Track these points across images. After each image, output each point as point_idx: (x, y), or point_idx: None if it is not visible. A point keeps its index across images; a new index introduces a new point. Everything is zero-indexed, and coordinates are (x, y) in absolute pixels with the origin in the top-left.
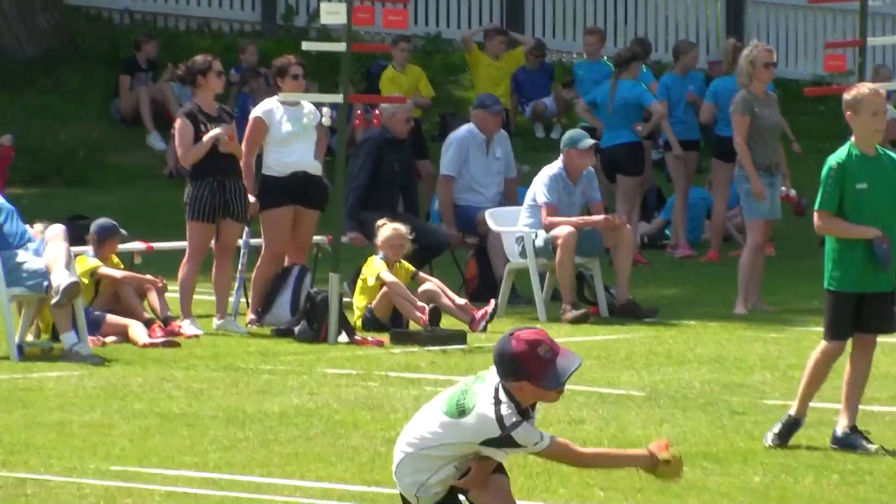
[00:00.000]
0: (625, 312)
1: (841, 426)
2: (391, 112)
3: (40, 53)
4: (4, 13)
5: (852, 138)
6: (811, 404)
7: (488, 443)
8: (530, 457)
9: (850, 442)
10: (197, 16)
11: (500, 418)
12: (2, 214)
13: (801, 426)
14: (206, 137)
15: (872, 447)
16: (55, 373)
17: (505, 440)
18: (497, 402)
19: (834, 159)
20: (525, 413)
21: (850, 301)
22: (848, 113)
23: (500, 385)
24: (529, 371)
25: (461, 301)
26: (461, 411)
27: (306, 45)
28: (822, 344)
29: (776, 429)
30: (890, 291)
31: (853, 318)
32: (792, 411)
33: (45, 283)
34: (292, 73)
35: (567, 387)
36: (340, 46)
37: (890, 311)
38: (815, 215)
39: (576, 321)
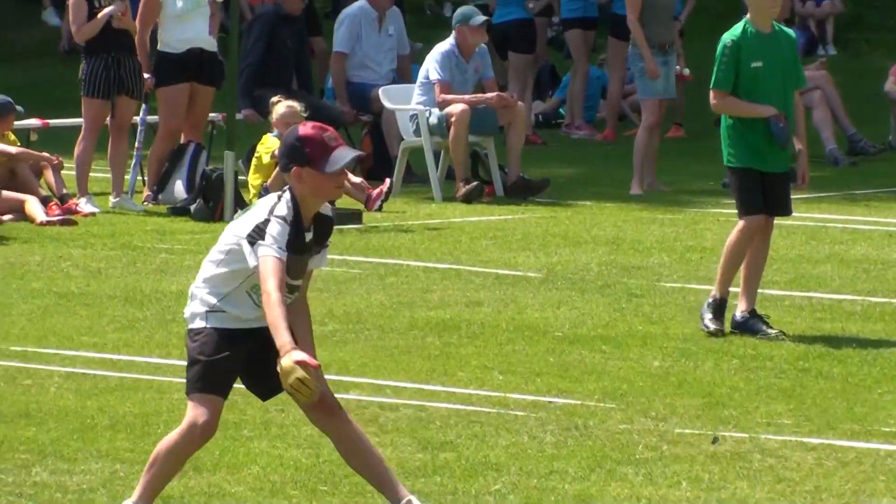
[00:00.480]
0: (516, 190)
1: (740, 310)
2: None
3: None
4: None
5: (748, 15)
6: (706, 286)
7: (250, 235)
8: (428, 338)
9: (750, 326)
10: None
11: (272, 208)
12: None
13: (726, 306)
14: (100, 14)
15: (772, 331)
16: None
17: (261, 228)
18: (278, 200)
19: (728, 37)
20: (299, 225)
21: (754, 175)
22: None
23: (283, 195)
24: (312, 154)
25: (357, 179)
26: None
27: None
28: (739, 223)
29: (707, 315)
30: (785, 172)
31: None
32: (715, 293)
33: None
34: None
35: (464, 267)
36: None
37: (786, 194)
38: (711, 94)
39: (468, 195)
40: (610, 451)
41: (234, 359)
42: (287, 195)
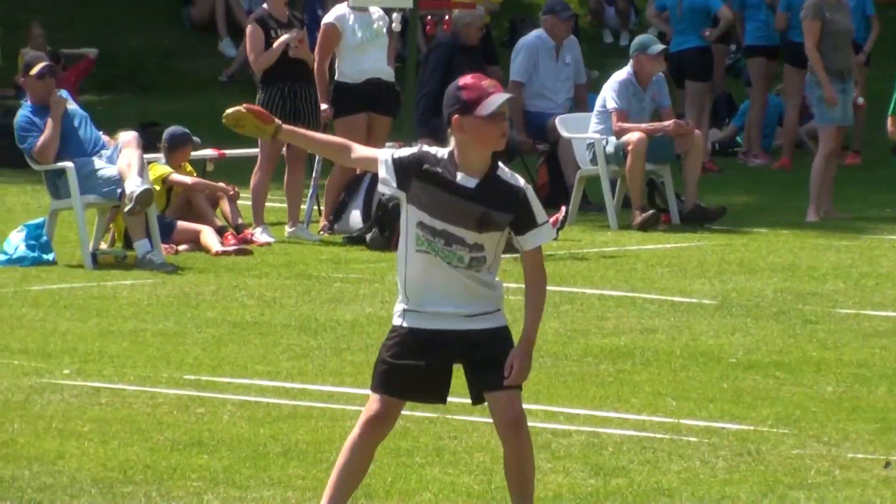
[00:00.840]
0: (693, 217)
1: None
2: (462, 18)
3: None
4: None
5: None
6: (881, 312)
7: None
8: (602, 365)
9: None
10: None
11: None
12: (76, 120)
13: None
14: (276, 43)
15: None
16: (129, 281)
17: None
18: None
19: None
20: (451, 165)
21: None
22: None
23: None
24: (469, 99)
25: None
26: None
27: None
28: None
29: None
30: None
31: None
32: None
33: (119, 191)
34: None
35: (639, 294)
36: None
37: None
38: (889, 121)
39: (645, 223)
40: (782, 475)
41: (422, 367)
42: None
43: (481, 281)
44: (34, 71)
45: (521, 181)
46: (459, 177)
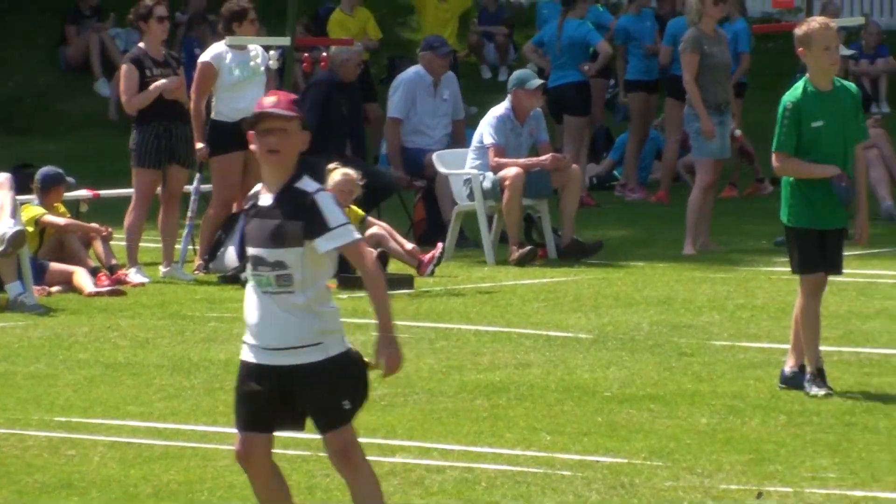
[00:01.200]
0: (570, 252)
1: (788, 365)
2: (339, 55)
3: None
4: None
5: (807, 74)
6: (755, 344)
7: None
8: (477, 401)
9: (798, 382)
10: None
11: None
12: None
13: (824, 371)
14: (152, 87)
15: (820, 390)
16: (0, 323)
17: None
18: None
19: (788, 99)
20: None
21: (814, 236)
22: (800, 49)
23: None
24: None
25: (409, 246)
26: None
27: None
28: (801, 284)
29: (812, 389)
30: (842, 229)
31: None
32: (809, 367)
33: None
34: (250, 17)
35: (515, 329)
36: None
37: (840, 252)
38: (774, 157)
39: (522, 259)
40: None
41: (257, 397)
42: None
43: (295, 308)
44: None
45: (315, 187)
46: (261, 198)
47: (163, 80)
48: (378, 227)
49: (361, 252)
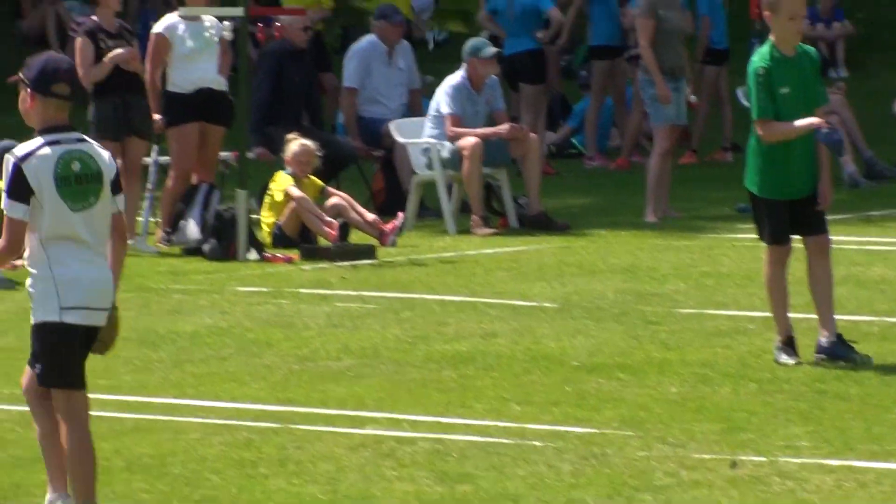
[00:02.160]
0: (537, 224)
1: (825, 336)
2: (290, 23)
3: None
4: None
5: (771, 37)
6: (722, 311)
7: None
8: (444, 371)
9: (836, 351)
10: None
11: None
12: None
13: (794, 339)
14: (107, 58)
15: (858, 356)
16: None
17: None
18: None
19: (759, 64)
20: None
21: (783, 206)
22: (766, 13)
23: None
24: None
25: (370, 216)
26: None
27: None
28: (767, 253)
29: (782, 357)
30: (812, 195)
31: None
32: (777, 337)
33: None
34: None
35: (479, 299)
36: None
37: (819, 213)
38: (757, 126)
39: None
40: (628, 478)
41: None
42: None
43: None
44: None
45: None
46: None
47: (118, 51)
48: (338, 198)
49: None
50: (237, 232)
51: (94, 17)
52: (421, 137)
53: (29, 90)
